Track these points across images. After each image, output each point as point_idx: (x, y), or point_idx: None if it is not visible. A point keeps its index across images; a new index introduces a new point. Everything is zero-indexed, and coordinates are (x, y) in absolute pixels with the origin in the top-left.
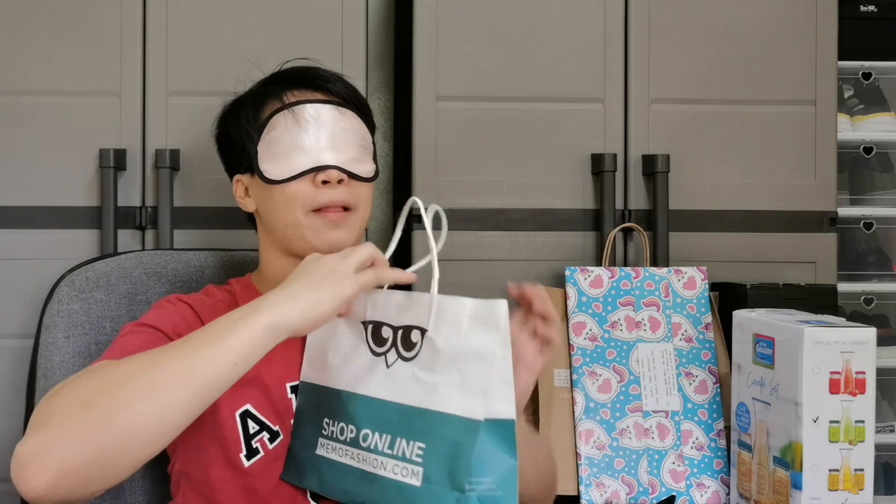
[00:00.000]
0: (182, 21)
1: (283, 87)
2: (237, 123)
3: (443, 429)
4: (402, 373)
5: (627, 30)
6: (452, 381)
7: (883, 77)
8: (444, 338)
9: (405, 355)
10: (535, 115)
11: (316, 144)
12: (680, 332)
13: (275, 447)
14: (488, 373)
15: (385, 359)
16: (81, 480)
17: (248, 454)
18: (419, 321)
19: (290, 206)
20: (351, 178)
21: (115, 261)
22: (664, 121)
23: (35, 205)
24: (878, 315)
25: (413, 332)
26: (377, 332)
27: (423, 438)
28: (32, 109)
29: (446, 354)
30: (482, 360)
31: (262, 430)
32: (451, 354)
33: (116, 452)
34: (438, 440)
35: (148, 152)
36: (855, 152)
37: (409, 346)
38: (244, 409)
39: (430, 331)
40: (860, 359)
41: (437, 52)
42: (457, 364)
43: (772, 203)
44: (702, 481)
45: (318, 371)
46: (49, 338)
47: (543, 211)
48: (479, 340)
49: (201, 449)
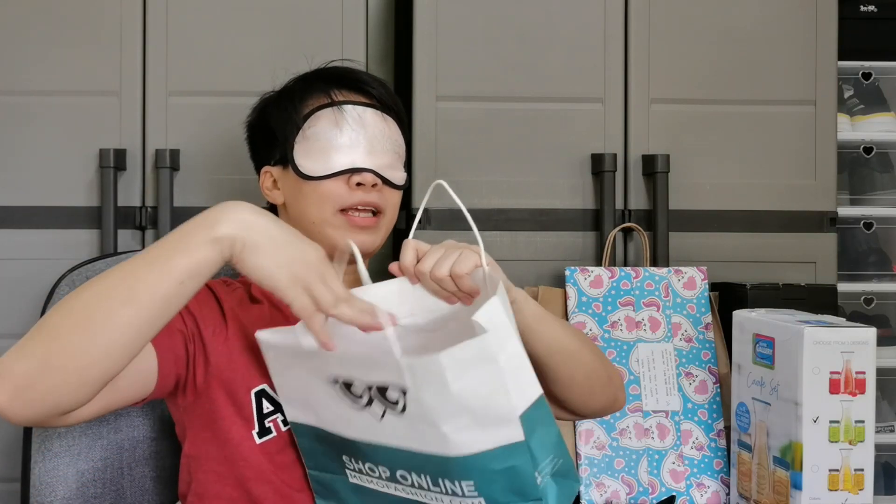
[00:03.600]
0: (182, 21)
1: (329, 85)
2: (279, 112)
3: (487, 465)
4: (400, 423)
5: (627, 30)
6: (464, 424)
7: (883, 77)
8: (432, 394)
9: (392, 409)
10: (535, 115)
11: (355, 146)
12: (680, 332)
13: (288, 430)
14: (501, 380)
15: (371, 411)
16: (37, 395)
17: (260, 432)
18: (393, 380)
19: (322, 204)
20: (384, 184)
21: (115, 261)
22: (664, 121)
23: (35, 205)
24: (878, 315)
25: (389, 390)
26: (348, 388)
27: (469, 477)
28: (32, 109)
29: (441, 407)
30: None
31: (276, 410)
32: (448, 405)
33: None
34: (486, 475)
35: (148, 152)
36: (855, 152)
37: (391, 402)
38: (260, 388)
39: (410, 390)
40: (860, 359)
41: (437, 52)
42: (460, 410)
43: (772, 203)
44: (702, 481)
45: (308, 413)
46: None
47: (543, 211)
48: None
49: (211, 428)
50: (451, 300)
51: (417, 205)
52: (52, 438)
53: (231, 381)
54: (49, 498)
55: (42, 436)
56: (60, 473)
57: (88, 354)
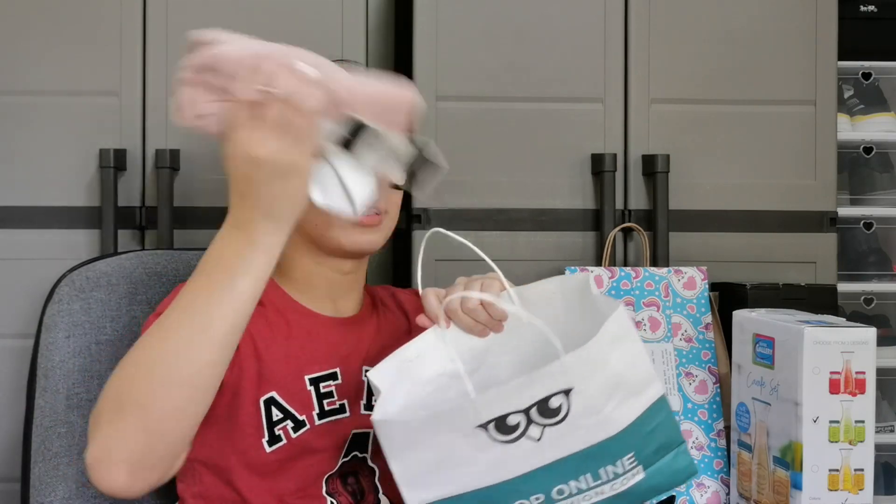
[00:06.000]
0: (182, 21)
1: None
2: None
3: (641, 430)
4: (559, 433)
5: (627, 30)
6: (620, 397)
7: (883, 77)
8: (596, 379)
9: (551, 422)
10: (535, 115)
11: None
12: (680, 333)
13: (298, 436)
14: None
15: (528, 437)
16: (152, 464)
17: (270, 440)
18: (554, 388)
19: None
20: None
21: (115, 261)
22: (664, 121)
23: (35, 205)
24: (878, 315)
25: (551, 399)
26: (502, 425)
27: (628, 450)
28: (32, 109)
29: (602, 390)
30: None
31: (286, 418)
32: (608, 384)
33: (167, 433)
34: (641, 440)
35: (148, 152)
36: (855, 152)
37: (552, 413)
38: (269, 397)
39: (576, 386)
40: (860, 359)
41: (437, 52)
42: (616, 385)
43: (772, 203)
44: (702, 481)
45: (437, 487)
46: (49, 338)
47: (543, 211)
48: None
49: (220, 435)
50: (484, 333)
51: (418, 205)
52: (52, 438)
53: (242, 390)
54: (49, 498)
55: (42, 436)
56: (60, 473)
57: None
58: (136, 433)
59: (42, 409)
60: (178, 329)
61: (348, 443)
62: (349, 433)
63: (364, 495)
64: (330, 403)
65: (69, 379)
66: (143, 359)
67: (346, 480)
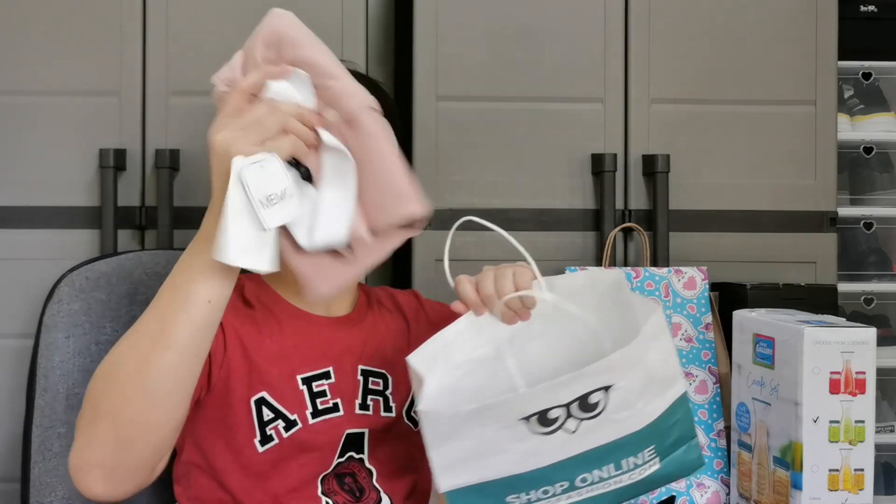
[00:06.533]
0: (182, 21)
1: None
2: None
3: (663, 424)
4: (593, 426)
5: (627, 30)
6: (652, 393)
7: (883, 77)
8: (634, 375)
9: (587, 416)
10: (535, 115)
11: None
12: (680, 333)
13: (290, 435)
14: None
15: (564, 429)
16: (125, 473)
17: (262, 440)
18: (596, 384)
19: None
20: None
21: (115, 261)
22: (664, 121)
23: (35, 205)
24: (878, 315)
25: (591, 395)
26: (543, 418)
27: (650, 443)
28: (32, 109)
29: (637, 385)
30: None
31: (277, 417)
32: (643, 380)
33: (136, 442)
34: (663, 434)
35: (148, 152)
36: (855, 152)
37: (591, 408)
38: (259, 397)
39: (617, 382)
40: (860, 359)
41: (437, 52)
42: (649, 381)
43: (772, 203)
44: (702, 481)
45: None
46: (49, 338)
47: (543, 211)
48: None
49: (212, 437)
50: (514, 320)
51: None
52: (52, 438)
53: (232, 391)
54: (49, 498)
55: (42, 436)
56: (60, 473)
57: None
58: (108, 442)
59: (42, 410)
60: (142, 335)
61: (342, 443)
62: (343, 433)
63: (364, 494)
64: (323, 402)
65: (69, 379)
66: (112, 365)
67: (343, 480)
